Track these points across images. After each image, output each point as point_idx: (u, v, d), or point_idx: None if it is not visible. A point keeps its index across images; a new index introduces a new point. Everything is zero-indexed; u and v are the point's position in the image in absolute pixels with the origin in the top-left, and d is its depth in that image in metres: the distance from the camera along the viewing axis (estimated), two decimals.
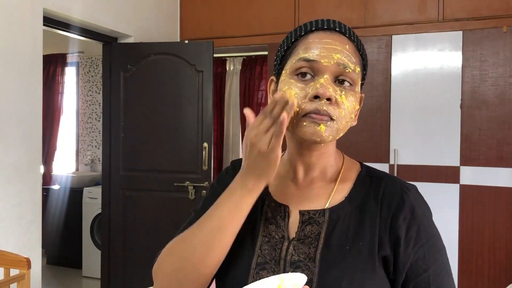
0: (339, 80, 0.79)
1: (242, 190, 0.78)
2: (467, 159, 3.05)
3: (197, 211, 0.92)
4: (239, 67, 4.40)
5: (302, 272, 0.77)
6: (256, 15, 3.66)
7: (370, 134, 3.26)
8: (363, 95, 0.87)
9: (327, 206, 0.83)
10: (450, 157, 3.08)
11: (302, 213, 0.83)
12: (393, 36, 3.22)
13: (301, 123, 0.78)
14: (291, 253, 0.80)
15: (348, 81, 0.79)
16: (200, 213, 0.90)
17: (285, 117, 0.72)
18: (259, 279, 0.78)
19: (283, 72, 0.83)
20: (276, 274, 0.79)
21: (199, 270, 0.79)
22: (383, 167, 3.17)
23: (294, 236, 0.82)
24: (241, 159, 0.98)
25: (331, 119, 0.77)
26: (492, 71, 3.01)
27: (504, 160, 2.97)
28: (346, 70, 0.78)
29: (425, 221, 0.81)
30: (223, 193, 0.82)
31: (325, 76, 0.77)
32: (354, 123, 0.86)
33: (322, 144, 0.81)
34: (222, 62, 4.47)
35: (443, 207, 3.07)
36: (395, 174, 3.14)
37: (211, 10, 3.82)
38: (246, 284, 0.78)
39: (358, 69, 0.81)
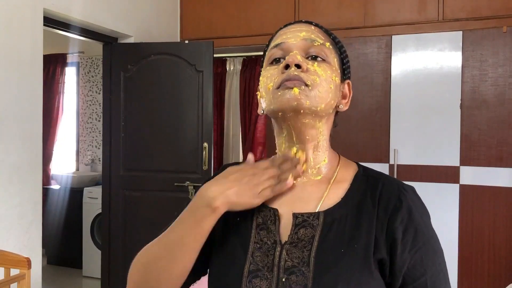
0: (312, 57, 0.80)
1: (206, 209, 0.77)
2: (467, 159, 3.05)
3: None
4: (239, 67, 4.40)
5: (296, 278, 0.75)
6: (256, 15, 3.67)
7: (370, 134, 3.26)
8: (349, 81, 0.87)
9: (321, 208, 0.80)
10: (450, 157, 3.08)
11: (295, 215, 0.79)
12: (393, 36, 3.22)
13: (276, 94, 0.78)
14: (285, 259, 0.77)
15: (320, 56, 0.81)
16: None
17: (291, 182, 0.77)
18: (252, 287, 0.76)
19: (264, 65, 0.86)
20: (270, 281, 0.76)
21: (161, 282, 0.80)
22: (383, 167, 3.17)
23: (286, 239, 0.78)
24: (233, 163, 0.95)
25: (306, 85, 0.77)
26: (492, 71, 3.01)
27: (504, 160, 2.97)
28: (315, 44, 0.80)
29: (422, 224, 0.78)
30: (188, 204, 0.81)
31: (294, 51, 0.80)
32: (345, 108, 0.86)
33: (306, 120, 0.79)
34: (222, 62, 4.47)
35: (443, 207, 3.07)
36: (395, 174, 3.14)
37: (211, 10, 3.82)
38: None
39: (328, 44, 0.82)
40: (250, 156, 0.83)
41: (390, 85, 3.22)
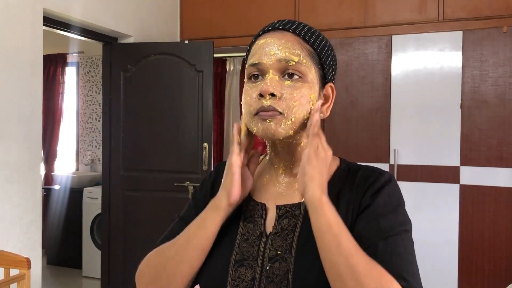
0: (288, 74, 0.81)
1: (209, 208, 0.85)
2: (467, 159, 3.05)
3: (180, 217, 0.96)
4: (239, 67, 4.40)
5: (279, 265, 0.79)
6: (256, 15, 3.66)
7: (370, 134, 3.25)
8: (332, 84, 0.88)
9: (303, 199, 0.83)
10: (450, 157, 3.08)
11: (278, 207, 0.85)
12: (393, 36, 3.22)
13: (255, 122, 0.82)
14: (269, 248, 0.82)
15: (296, 74, 0.81)
16: (182, 219, 0.94)
17: (236, 125, 0.82)
18: (237, 275, 0.81)
19: (245, 78, 0.88)
20: (254, 269, 0.81)
21: (172, 282, 0.84)
22: (383, 167, 3.15)
23: (271, 231, 0.84)
24: (225, 161, 1.01)
25: (280, 113, 0.80)
26: (492, 71, 3.01)
27: (504, 160, 2.97)
28: (290, 64, 0.81)
29: (387, 197, 0.81)
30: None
31: (270, 73, 0.81)
32: (326, 114, 0.88)
33: (291, 140, 0.84)
34: (222, 62, 4.47)
35: (443, 207, 3.07)
36: (395, 174, 3.14)
37: (211, 10, 3.82)
38: (225, 280, 0.81)
39: (305, 60, 0.82)
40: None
41: (390, 85, 3.22)
